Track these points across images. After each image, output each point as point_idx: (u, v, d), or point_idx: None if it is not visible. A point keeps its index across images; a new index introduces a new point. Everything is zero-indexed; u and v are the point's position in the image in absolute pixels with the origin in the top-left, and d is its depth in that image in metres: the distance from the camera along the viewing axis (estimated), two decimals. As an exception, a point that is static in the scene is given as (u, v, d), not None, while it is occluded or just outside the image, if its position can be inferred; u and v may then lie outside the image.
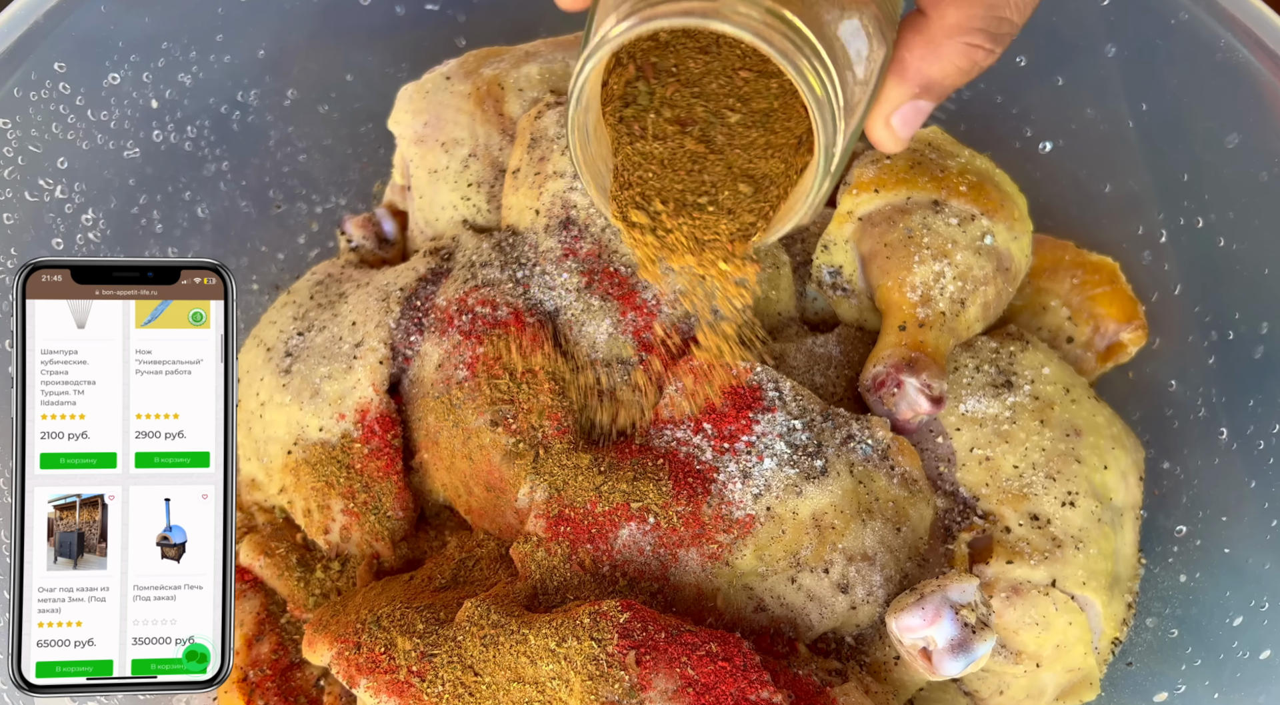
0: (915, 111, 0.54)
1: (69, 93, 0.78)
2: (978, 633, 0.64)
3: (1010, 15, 0.51)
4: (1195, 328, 0.79)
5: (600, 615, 0.61)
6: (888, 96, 0.53)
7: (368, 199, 0.92)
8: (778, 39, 0.48)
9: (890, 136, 0.55)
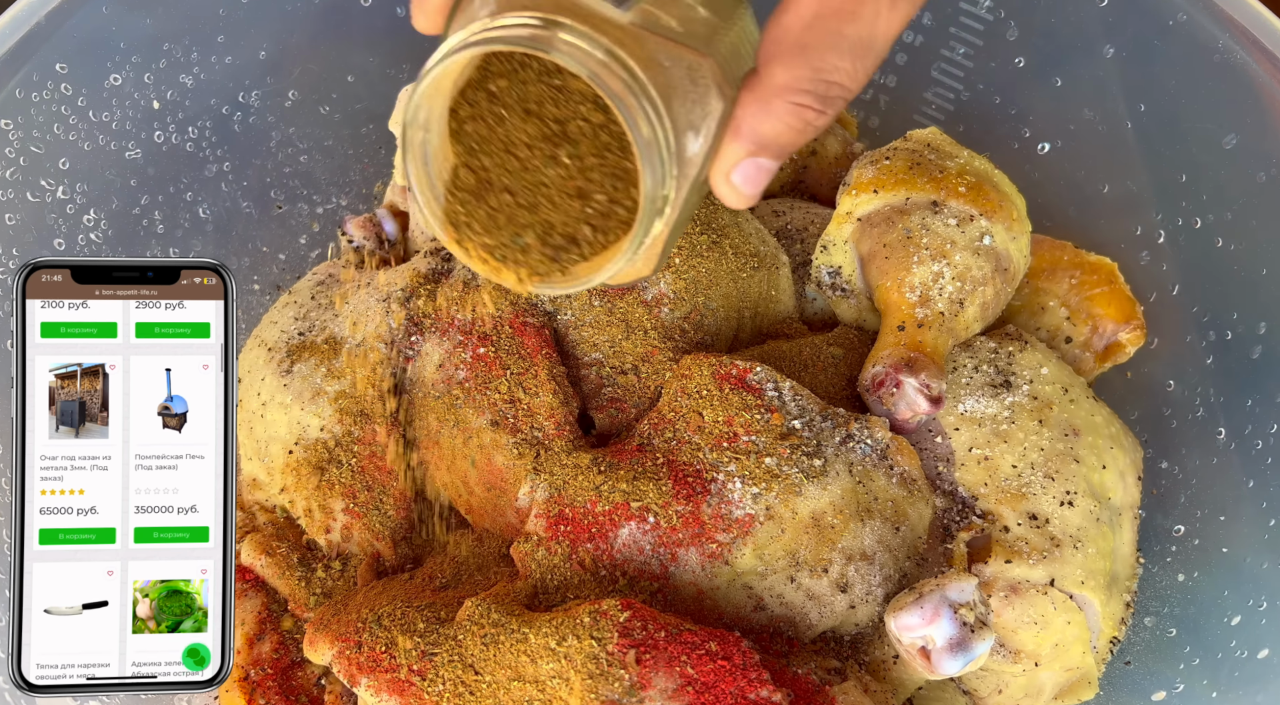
0: (757, 169, 0.54)
1: (71, 93, 0.78)
2: (976, 632, 0.64)
3: (840, 78, 0.52)
4: (1193, 328, 0.79)
5: (600, 614, 0.61)
6: (725, 153, 0.54)
7: (369, 200, 0.92)
8: (612, 80, 0.49)
9: (733, 192, 0.55)
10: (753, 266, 0.75)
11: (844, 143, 0.88)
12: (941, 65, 0.90)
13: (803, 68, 0.52)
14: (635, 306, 0.72)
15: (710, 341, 0.74)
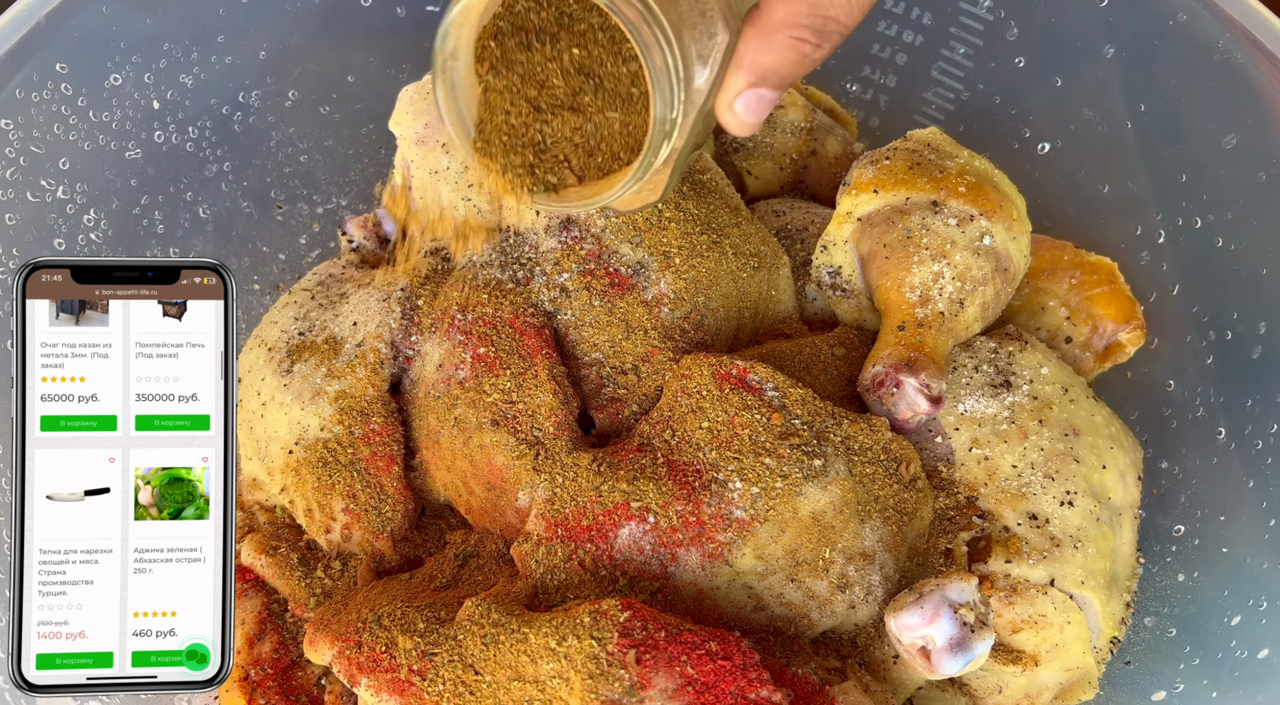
0: (758, 99, 0.58)
1: (71, 94, 0.78)
2: (976, 632, 0.64)
3: (836, 14, 0.56)
4: (1193, 328, 0.79)
5: (600, 614, 0.61)
6: (729, 83, 0.58)
7: (369, 199, 0.92)
8: (629, 10, 0.54)
9: (736, 120, 0.59)
10: (753, 266, 0.75)
11: (844, 143, 0.88)
12: (941, 65, 0.90)
13: (800, 3, 0.56)
14: (635, 306, 0.72)
15: (710, 341, 0.74)
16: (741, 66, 0.57)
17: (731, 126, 0.60)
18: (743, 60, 0.57)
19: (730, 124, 0.60)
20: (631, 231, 0.72)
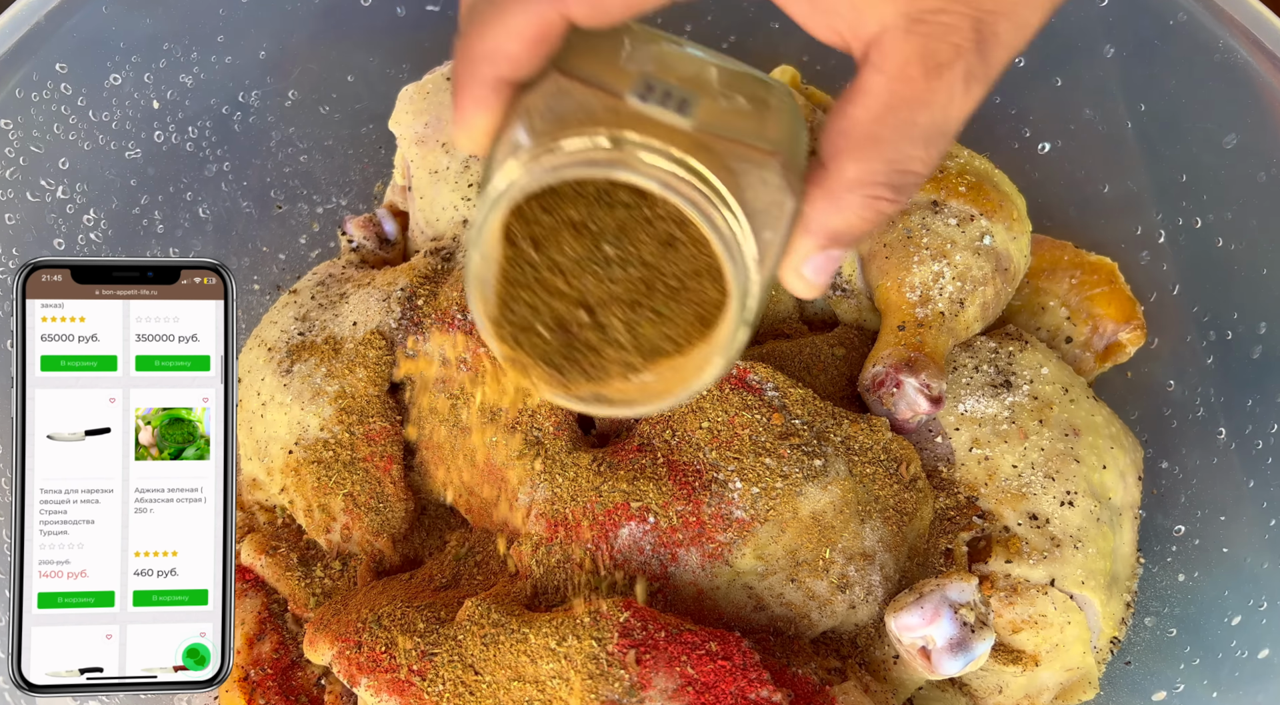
0: (827, 259, 0.52)
1: (70, 93, 0.78)
2: (976, 632, 0.64)
3: (915, 167, 0.50)
4: (1193, 328, 0.79)
5: (600, 614, 0.61)
6: (796, 248, 0.52)
7: (369, 199, 0.92)
8: (686, 189, 0.47)
9: (804, 285, 0.53)
10: None
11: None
12: (942, 65, 0.90)
13: (876, 161, 0.50)
14: None
15: None
16: (809, 230, 0.51)
17: (798, 291, 0.54)
18: (810, 224, 0.51)
19: (797, 288, 0.54)
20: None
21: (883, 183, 0.50)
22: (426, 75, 0.83)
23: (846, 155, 0.50)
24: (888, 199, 0.50)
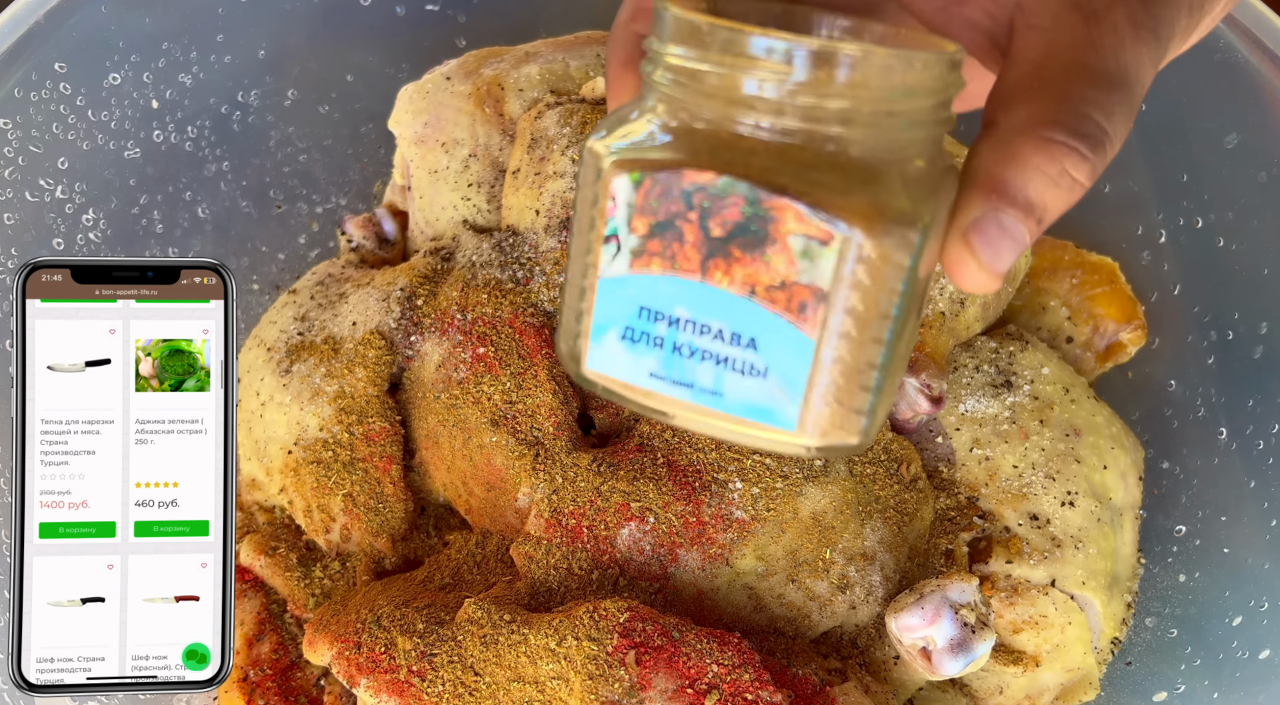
0: (999, 229, 0.43)
1: (70, 93, 0.78)
2: (977, 632, 0.64)
3: (1093, 112, 0.42)
4: (1194, 328, 0.79)
5: (600, 615, 0.61)
6: (962, 209, 0.43)
7: (368, 199, 0.92)
8: None
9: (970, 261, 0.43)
10: None
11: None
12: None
13: (1048, 100, 0.42)
14: None
15: None
16: (977, 183, 0.43)
17: (962, 275, 0.44)
18: (978, 176, 0.43)
19: (961, 270, 0.44)
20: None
21: (1057, 122, 0.42)
22: (426, 74, 0.83)
23: (1014, 101, 0.43)
24: (1068, 143, 0.42)
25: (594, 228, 0.45)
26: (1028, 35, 0.44)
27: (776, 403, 0.43)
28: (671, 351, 0.44)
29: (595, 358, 0.46)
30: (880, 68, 0.40)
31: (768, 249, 0.41)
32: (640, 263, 0.44)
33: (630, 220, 0.43)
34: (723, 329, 0.43)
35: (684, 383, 0.44)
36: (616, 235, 0.44)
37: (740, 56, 0.41)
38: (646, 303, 0.44)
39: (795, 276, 0.41)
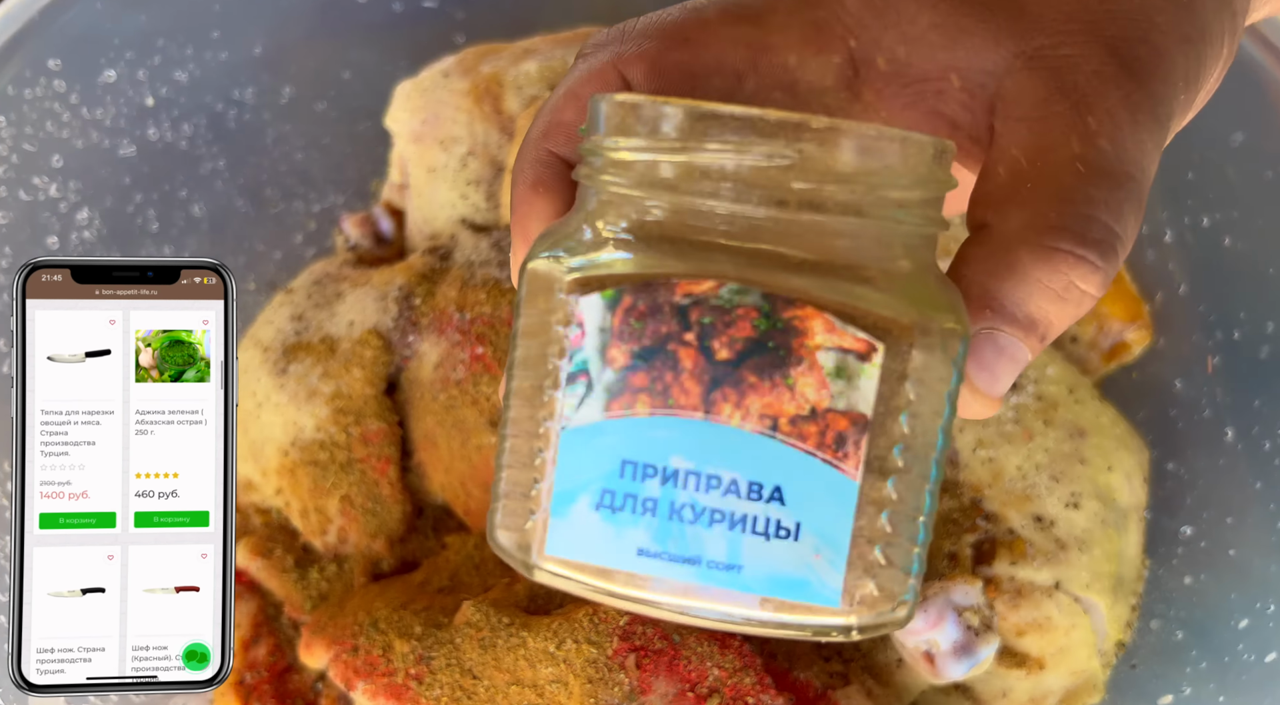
0: (995, 349, 0.39)
1: (64, 90, 0.78)
2: (981, 635, 0.64)
3: (1099, 213, 0.38)
4: (1200, 327, 0.79)
5: (600, 618, 0.61)
6: None
7: (365, 197, 0.92)
8: None
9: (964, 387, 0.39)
10: None
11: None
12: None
13: (1047, 201, 0.38)
14: None
15: None
16: (968, 298, 0.39)
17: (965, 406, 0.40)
18: (968, 289, 0.39)
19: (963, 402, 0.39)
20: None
21: (1061, 228, 0.38)
22: (424, 71, 0.83)
23: (1006, 202, 0.39)
24: (1073, 252, 0.37)
25: (549, 366, 0.37)
26: (1013, 128, 0.40)
27: (813, 570, 0.35)
28: (668, 517, 0.35)
29: (558, 540, 0.37)
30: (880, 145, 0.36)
31: (792, 370, 0.35)
32: (620, 403, 0.35)
33: (605, 350, 0.36)
34: (736, 479, 0.35)
35: (686, 558, 0.36)
36: (586, 371, 0.36)
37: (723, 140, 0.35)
38: (631, 455, 0.35)
39: (829, 402, 0.35)
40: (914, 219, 0.37)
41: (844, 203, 0.35)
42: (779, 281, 0.35)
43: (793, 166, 0.35)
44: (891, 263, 0.37)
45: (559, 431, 0.36)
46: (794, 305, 0.34)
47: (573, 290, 0.36)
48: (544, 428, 0.37)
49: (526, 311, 0.38)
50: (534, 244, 0.39)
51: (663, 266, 0.35)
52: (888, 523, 0.36)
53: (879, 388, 0.35)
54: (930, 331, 0.35)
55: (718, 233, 0.35)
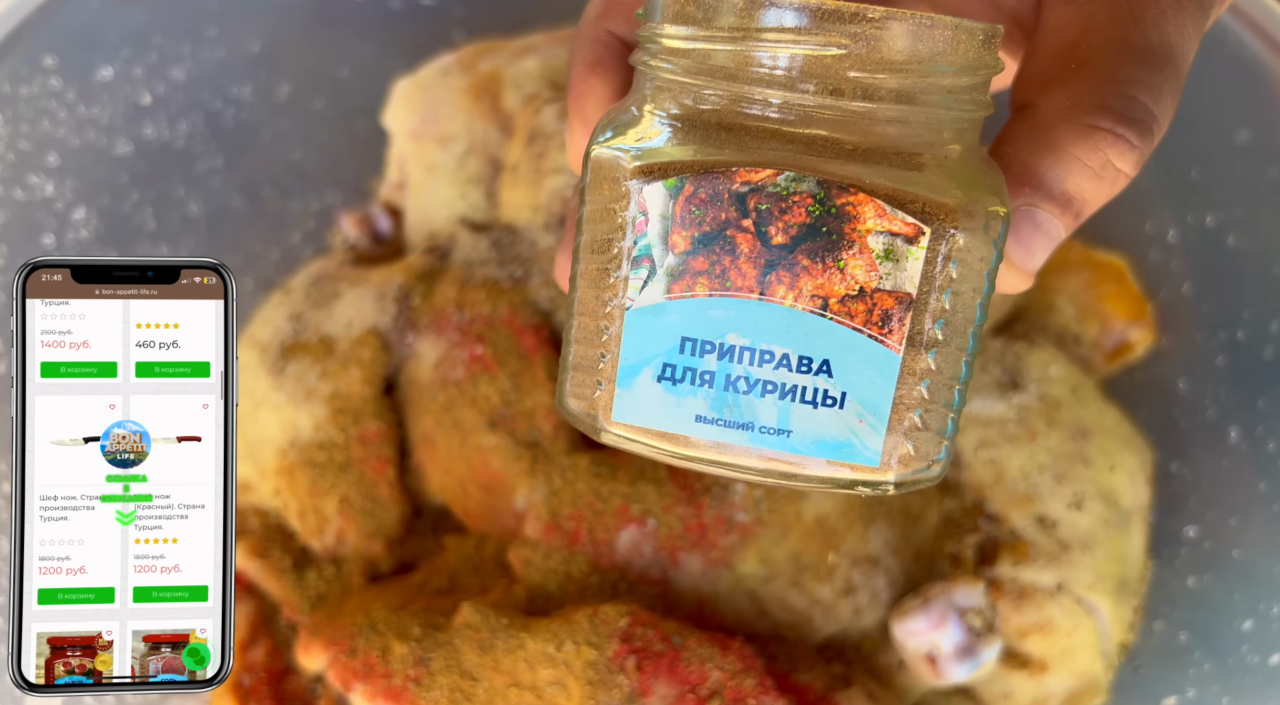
0: (1032, 224, 0.41)
1: (60, 88, 0.79)
2: (983, 637, 0.65)
3: (1139, 93, 0.40)
4: (1204, 327, 0.80)
5: (599, 619, 0.62)
6: None
7: (363, 196, 0.92)
8: None
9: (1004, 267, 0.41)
10: None
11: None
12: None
13: (1089, 82, 0.40)
14: None
15: None
16: (1008, 174, 0.41)
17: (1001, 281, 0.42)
18: (1009, 165, 0.41)
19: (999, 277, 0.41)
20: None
21: (1101, 107, 0.40)
22: (422, 69, 0.83)
23: (1050, 83, 0.41)
24: (1112, 130, 0.40)
25: (613, 251, 0.39)
26: (1059, 11, 0.42)
27: (856, 434, 0.39)
28: (724, 388, 0.39)
29: (623, 407, 0.40)
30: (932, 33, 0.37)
31: (843, 253, 0.37)
32: (681, 286, 0.39)
33: (667, 236, 0.38)
34: (788, 354, 0.38)
35: (740, 424, 0.39)
36: (649, 255, 0.39)
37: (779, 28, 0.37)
38: (690, 333, 0.39)
39: (877, 283, 0.37)
40: (963, 104, 0.39)
41: (896, 90, 0.37)
42: (833, 168, 0.37)
43: (848, 55, 0.37)
44: (941, 147, 0.39)
45: (623, 312, 0.39)
46: (847, 192, 0.37)
47: (636, 178, 0.38)
48: (609, 307, 0.40)
49: (591, 198, 0.40)
50: (595, 129, 0.41)
51: (721, 155, 0.38)
52: (926, 391, 0.39)
53: (924, 269, 0.37)
54: (975, 214, 0.37)
55: (773, 121, 0.38)
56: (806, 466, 0.40)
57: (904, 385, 0.38)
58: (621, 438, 0.41)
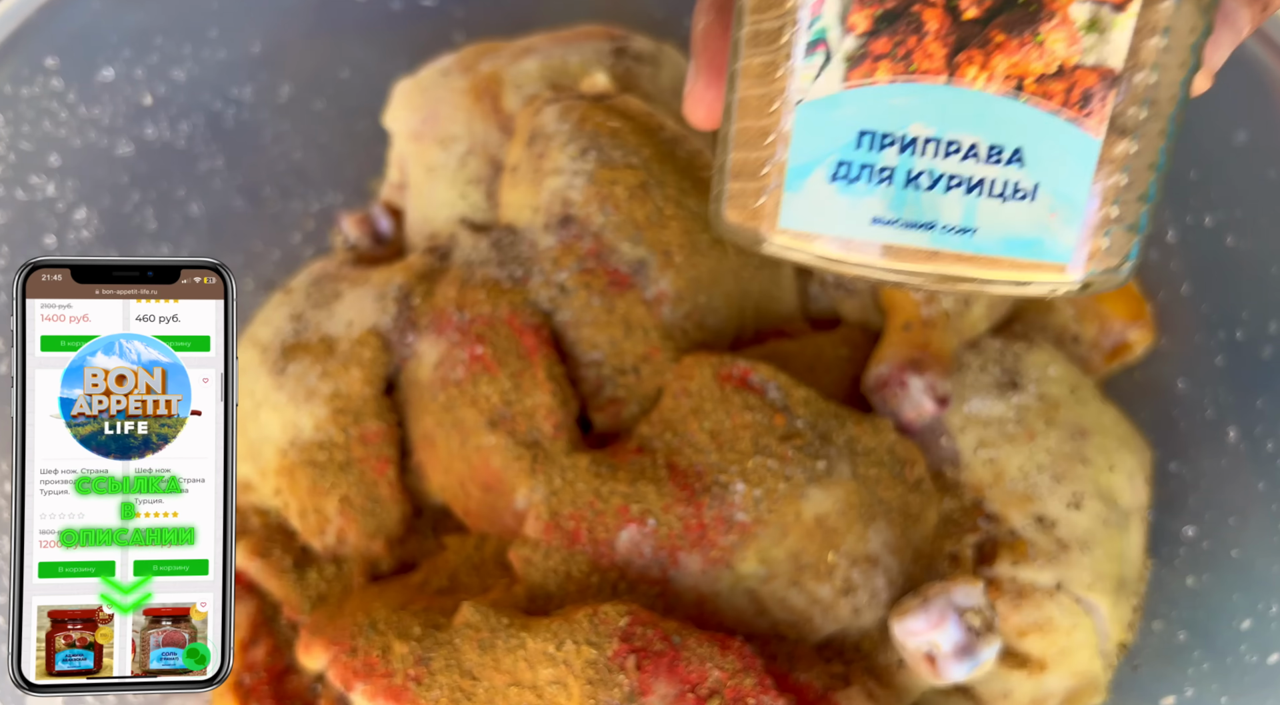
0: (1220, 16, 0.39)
1: (61, 89, 0.79)
2: (982, 636, 0.65)
3: None
4: (1203, 327, 0.79)
5: (599, 619, 0.62)
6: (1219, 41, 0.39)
7: (364, 196, 0.93)
8: None
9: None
10: (755, 264, 0.75)
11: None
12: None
13: None
14: (636, 305, 0.72)
15: (712, 341, 0.74)
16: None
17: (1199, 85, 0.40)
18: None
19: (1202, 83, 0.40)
20: (632, 229, 0.72)
21: None
22: (422, 70, 0.83)
23: None
24: None
25: (784, 38, 0.35)
26: None
27: (1048, 229, 0.36)
28: (904, 185, 0.35)
29: (791, 213, 0.37)
30: None
31: (1042, 26, 0.34)
32: (860, 72, 0.35)
33: (846, 15, 0.35)
34: (976, 143, 0.35)
35: (921, 224, 0.36)
36: (824, 40, 0.35)
37: None
38: (869, 125, 0.35)
39: (1078, 58, 0.34)
40: None
41: None
42: None
43: None
44: None
45: (793, 106, 0.36)
46: None
47: None
48: (776, 105, 0.36)
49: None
50: None
51: None
52: (1124, 179, 0.36)
53: (1131, 40, 0.34)
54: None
55: None
56: (990, 267, 0.36)
57: (1101, 174, 0.35)
58: (787, 248, 0.38)
